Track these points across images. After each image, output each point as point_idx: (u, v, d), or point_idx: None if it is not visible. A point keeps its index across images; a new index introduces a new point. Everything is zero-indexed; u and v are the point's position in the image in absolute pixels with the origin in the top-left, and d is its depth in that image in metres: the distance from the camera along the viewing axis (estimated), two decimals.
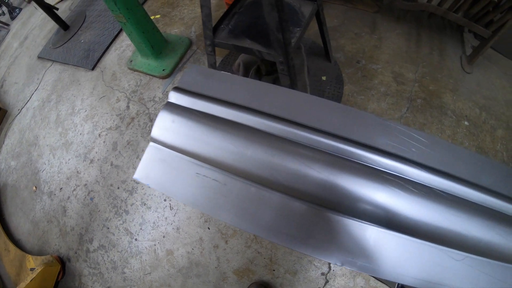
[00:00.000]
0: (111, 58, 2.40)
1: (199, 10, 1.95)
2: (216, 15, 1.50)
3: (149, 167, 0.60)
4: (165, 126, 0.59)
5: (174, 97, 0.61)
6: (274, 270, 1.44)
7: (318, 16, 1.53)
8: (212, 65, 1.43)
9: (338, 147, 0.48)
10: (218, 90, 0.56)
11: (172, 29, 2.39)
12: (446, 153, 0.60)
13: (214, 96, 0.56)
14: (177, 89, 0.61)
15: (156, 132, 0.60)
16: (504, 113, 1.76)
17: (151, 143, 0.61)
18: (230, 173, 0.50)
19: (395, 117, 1.70)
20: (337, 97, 1.75)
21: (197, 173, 0.53)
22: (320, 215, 0.47)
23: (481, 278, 0.51)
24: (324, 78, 1.83)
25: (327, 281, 1.39)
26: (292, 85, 1.30)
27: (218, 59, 2.07)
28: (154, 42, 2.04)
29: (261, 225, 0.46)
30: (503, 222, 0.55)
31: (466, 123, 1.72)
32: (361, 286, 1.38)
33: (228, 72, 2.02)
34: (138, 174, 0.60)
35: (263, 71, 1.54)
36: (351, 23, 2.12)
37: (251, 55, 1.38)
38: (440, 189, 0.57)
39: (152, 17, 2.40)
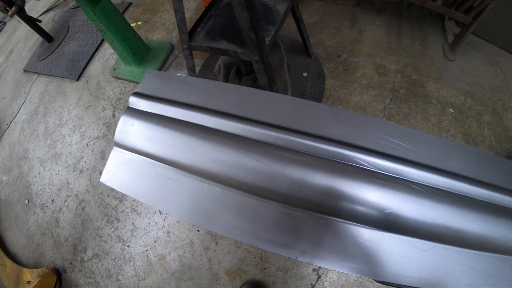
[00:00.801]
0: (95, 67, 2.40)
1: None
2: (196, 18, 1.51)
3: (114, 170, 0.61)
4: (126, 130, 0.60)
5: (134, 102, 0.61)
6: (265, 269, 1.44)
7: (294, 13, 1.53)
8: (191, 69, 1.44)
9: (283, 138, 0.49)
10: (174, 92, 0.57)
11: (154, 35, 2.39)
12: (407, 139, 0.58)
13: (170, 98, 0.57)
14: (136, 94, 0.62)
15: (118, 136, 0.61)
16: (490, 98, 1.76)
17: (114, 147, 0.62)
18: (184, 171, 0.51)
19: (378, 109, 1.71)
20: (319, 93, 1.76)
21: (156, 173, 0.53)
22: (249, 201, 0.47)
23: (451, 268, 0.49)
24: (305, 74, 1.83)
25: (319, 277, 1.39)
26: (270, 83, 1.31)
27: (200, 62, 2.07)
28: (135, 49, 2.05)
29: (214, 220, 0.47)
30: (471, 208, 0.52)
31: (451, 110, 1.72)
32: (354, 280, 1.38)
33: (211, 73, 2.01)
34: (104, 177, 0.61)
35: (243, 71, 1.54)
36: (331, 18, 2.13)
37: (229, 56, 1.38)
38: (402, 177, 0.55)
39: (133, 24, 2.41)
